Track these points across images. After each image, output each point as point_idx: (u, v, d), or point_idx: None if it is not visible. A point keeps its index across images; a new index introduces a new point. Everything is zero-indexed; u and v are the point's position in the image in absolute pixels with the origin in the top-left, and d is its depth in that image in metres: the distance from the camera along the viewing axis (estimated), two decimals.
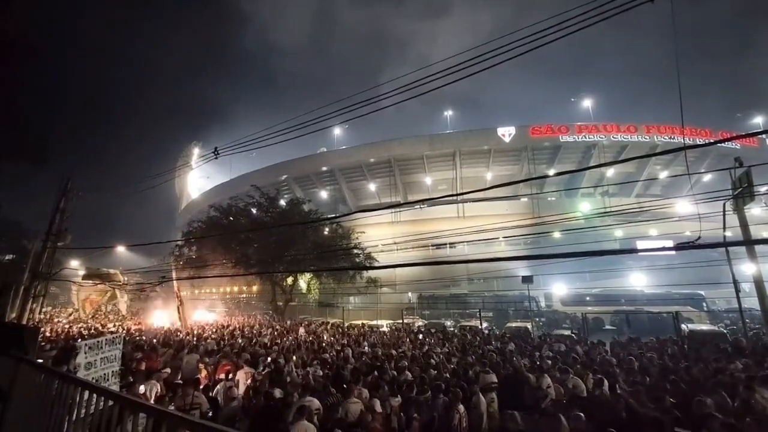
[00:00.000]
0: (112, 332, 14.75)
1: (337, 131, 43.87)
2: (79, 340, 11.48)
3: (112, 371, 5.36)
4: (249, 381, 6.95)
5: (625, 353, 9.67)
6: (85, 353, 5.07)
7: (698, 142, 30.41)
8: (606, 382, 6.14)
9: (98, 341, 5.33)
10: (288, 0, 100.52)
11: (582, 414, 4.46)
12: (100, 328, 17.05)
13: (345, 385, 5.99)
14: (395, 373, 7.32)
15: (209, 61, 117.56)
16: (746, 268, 10.73)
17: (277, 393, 5.69)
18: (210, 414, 5.52)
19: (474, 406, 5.42)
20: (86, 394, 2.59)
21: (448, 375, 7.28)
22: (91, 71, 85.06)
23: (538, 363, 8.02)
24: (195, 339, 12.63)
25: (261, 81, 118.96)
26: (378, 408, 5.30)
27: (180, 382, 6.83)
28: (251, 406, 5.65)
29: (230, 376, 7.32)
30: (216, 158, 8.44)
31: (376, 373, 7.16)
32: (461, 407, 5.11)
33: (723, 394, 5.34)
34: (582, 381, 6.54)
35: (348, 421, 4.95)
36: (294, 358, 8.84)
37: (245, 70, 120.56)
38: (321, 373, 7.49)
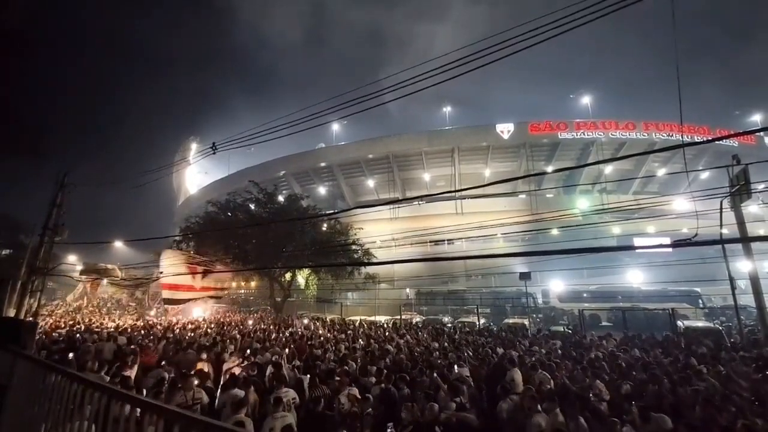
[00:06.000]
0: (108, 328, 14.72)
1: (335, 127, 43.79)
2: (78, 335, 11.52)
3: None
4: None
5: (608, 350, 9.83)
6: None
7: (696, 140, 30.50)
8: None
9: None
10: None
11: None
12: (98, 324, 17.00)
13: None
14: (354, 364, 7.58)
15: (208, 56, 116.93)
16: (742, 266, 10.82)
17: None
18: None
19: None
20: (85, 389, 2.59)
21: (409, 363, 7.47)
22: (88, 66, 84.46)
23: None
24: (190, 333, 12.63)
25: (259, 77, 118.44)
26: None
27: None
28: None
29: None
30: (214, 153, 8.42)
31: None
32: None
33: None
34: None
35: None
36: (286, 351, 9.03)
37: (244, 65, 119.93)
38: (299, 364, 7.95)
